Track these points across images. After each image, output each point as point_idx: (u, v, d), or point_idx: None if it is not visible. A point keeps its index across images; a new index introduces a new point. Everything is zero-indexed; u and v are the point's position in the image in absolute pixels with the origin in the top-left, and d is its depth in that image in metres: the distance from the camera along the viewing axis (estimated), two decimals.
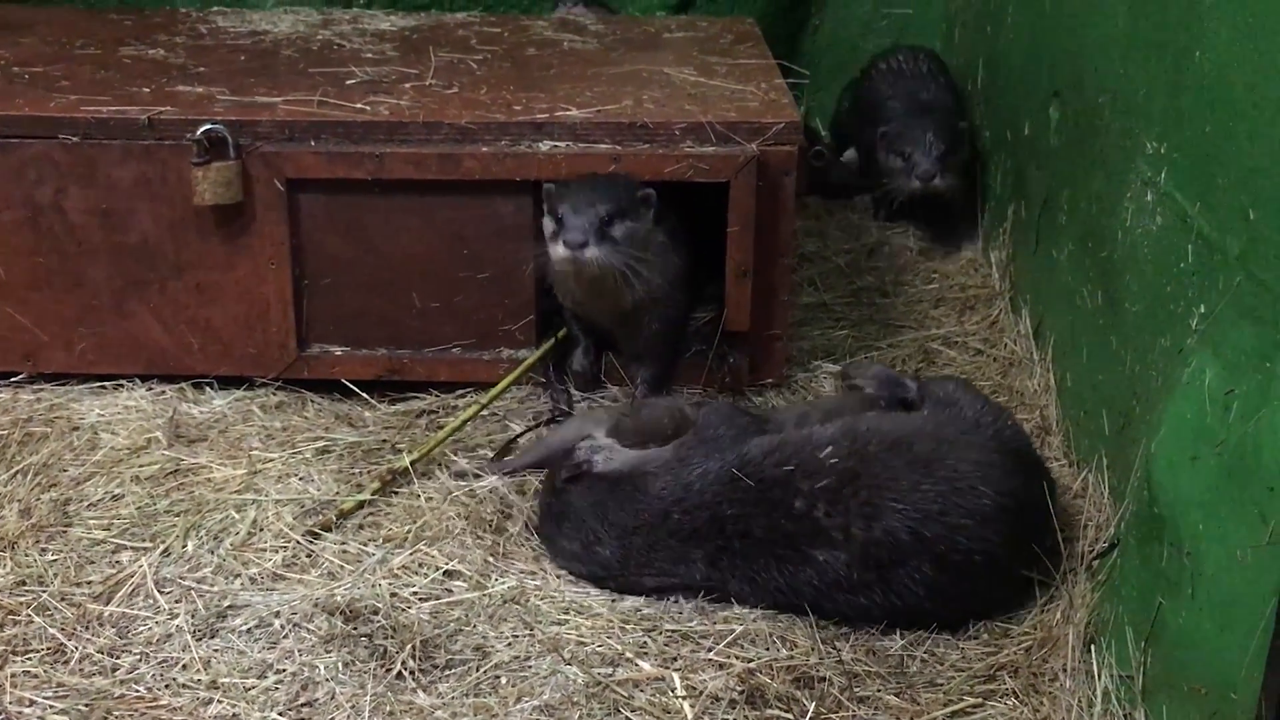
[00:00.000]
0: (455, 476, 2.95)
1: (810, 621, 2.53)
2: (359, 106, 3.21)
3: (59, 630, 2.48)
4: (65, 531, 2.76)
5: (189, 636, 2.46)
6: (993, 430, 2.71)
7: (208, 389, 3.28)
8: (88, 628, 2.50)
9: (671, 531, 2.61)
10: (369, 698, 2.32)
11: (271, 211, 3.14)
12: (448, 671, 2.40)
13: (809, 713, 2.32)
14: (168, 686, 2.36)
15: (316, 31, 3.92)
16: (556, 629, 2.51)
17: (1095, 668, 2.41)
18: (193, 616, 2.52)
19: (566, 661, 2.42)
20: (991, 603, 2.60)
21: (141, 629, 2.50)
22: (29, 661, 2.41)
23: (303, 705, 2.32)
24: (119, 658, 2.43)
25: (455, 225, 3.18)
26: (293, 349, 3.25)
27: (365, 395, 3.26)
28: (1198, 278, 2.30)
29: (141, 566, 2.64)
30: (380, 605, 2.54)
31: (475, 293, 3.24)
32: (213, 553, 2.70)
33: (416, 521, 2.80)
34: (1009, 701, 2.39)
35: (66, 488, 2.90)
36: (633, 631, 2.51)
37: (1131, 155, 2.68)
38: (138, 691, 2.35)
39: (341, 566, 2.67)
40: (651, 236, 3.11)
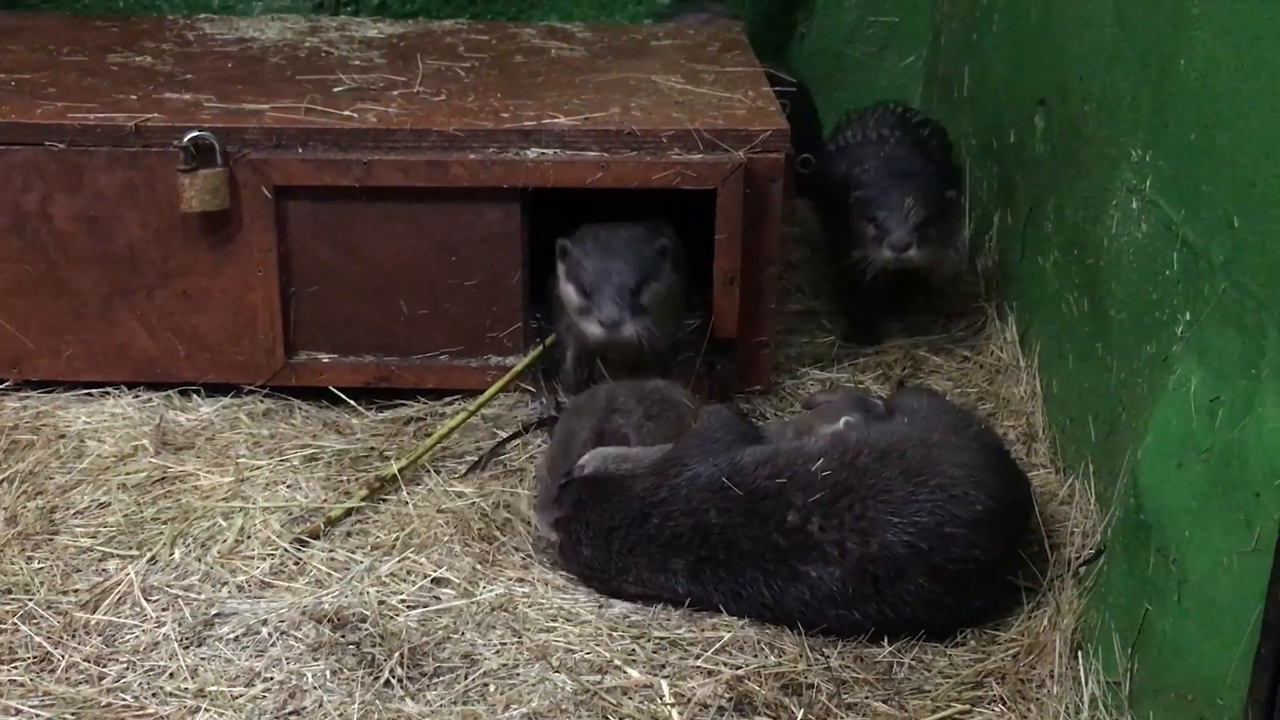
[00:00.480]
0: None
1: (799, 629, 2.54)
2: (347, 114, 3.21)
3: (45, 639, 2.47)
4: (51, 539, 2.75)
5: (176, 645, 2.46)
6: (973, 433, 2.71)
7: (195, 396, 3.28)
8: (74, 636, 2.49)
9: (650, 536, 2.60)
10: (357, 706, 2.32)
11: (259, 219, 3.14)
12: (436, 679, 2.40)
13: (797, 719, 2.33)
14: (155, 695, 2.36)
15: (304, 38, 3.91)
16: (545, 636, 2.51)
17: (1082, 674, 2.42)
18: (180, 624, 2.51)
19: (555, 669, 2.42)
20: (981, 609, 2.60)
21: (128, 637, 2.49)
22: (15, 670, 2.40)
23: (290, 713, 2.32)
24: (105, 666, 2.42)
25: (443, 232, 3.18)
26: (280, 356, 3.24)
27: (353, 403, 3.25)
28: (1183, 285, 2.31)
29: (128, 574, 2.63)
30: (368, 613, 2.53)
31: (463, 300, 3.24)
32: (200, 560, 2.69)
33: (404, 529, 2.80)
34: (996, 708, 2.39)
35: (53, 495, 2.89)
36: (621, 639, 2.51)
37: (1117, 163, 2.69)
38: (124, 700, 2.34)
39: (329, 574, 2.66)
40: (672, 287, 3.17)
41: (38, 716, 2.30)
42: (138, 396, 3.26)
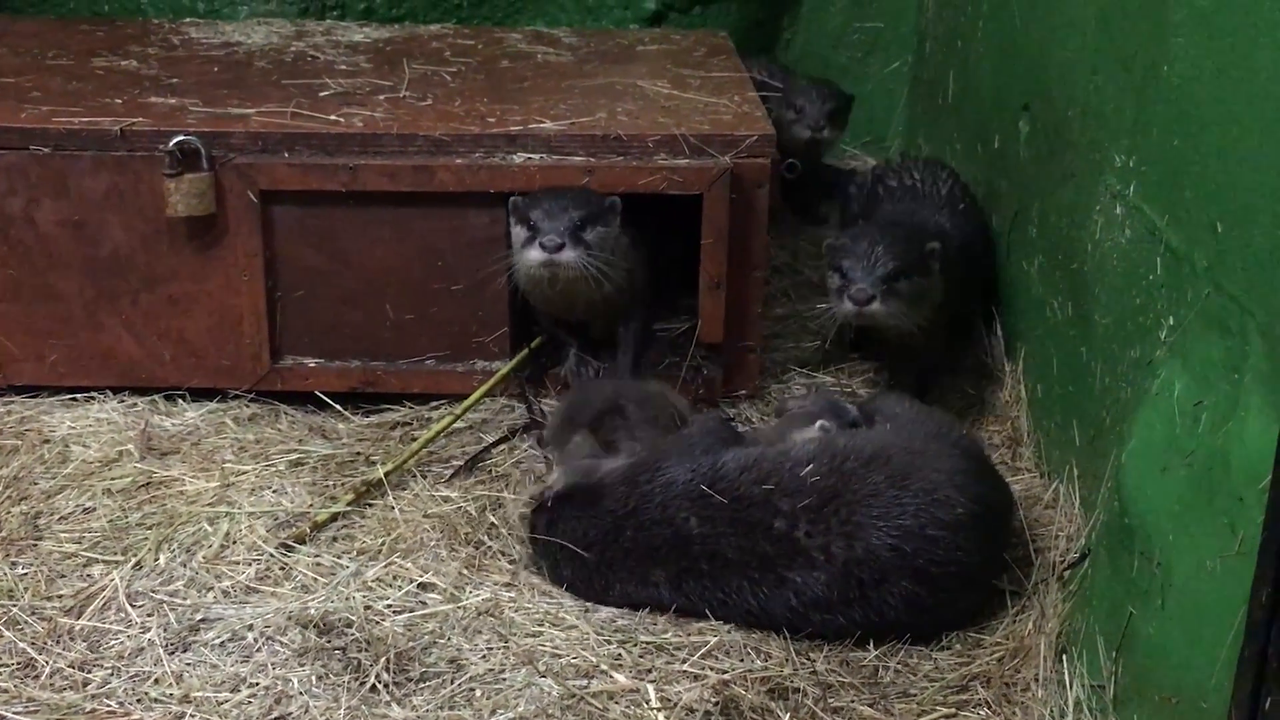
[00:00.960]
0: None
1: (785, 633, 2.54)
2: (333, 118, 3.21)
3: (29, 644, 2.46)
4: (36, 545, 2.74)
5: (161, 650, 2.45)
6: (954, 439, 2.72)
7: (180, 401, 3.27)
8: (58, 642, 2.48)
9: (626, 550, 2.58)
10: (343, 711, 2.31)
11: (244, 223, 3.13)
12: (422, 684, 2.40)
13: None
14: (140, 701, 2.35)
15: (290, 43, 3.91)
16: (531, 641, 2.51)
17: (1067, 677, 2.43)
18: (165, 630, 2.50)
19: (541, 674, 2.42)
20: (965, 612, 2.61)
21: (113, 643, 2.48)
22: None
23: (276, 719, 2.31)
24: (90, 672, 2.41)
25: (429, 237, 3.18)
26: (266, 361, 3.24)
27: (339, 407, 3.25)
28: (1166, 290, 2.32)
29: (113, 580, 2.62)
30: (354, 618, 2.53)
31: (449, 304, 3.23)
32: (185, 566, 2.68)
33: (390, 534, 2.79)
34: (982, 711, 2.40)
35: (37, 501, 2.88)
36: (607, 643, 2.51)
37: (1100, 168, 2.70)
38: (109, 706, 2.33)
39: (315, 579, 2.66)
40: (619, 241, 3.15)
41: None
42: (123, 401, 3.25)
